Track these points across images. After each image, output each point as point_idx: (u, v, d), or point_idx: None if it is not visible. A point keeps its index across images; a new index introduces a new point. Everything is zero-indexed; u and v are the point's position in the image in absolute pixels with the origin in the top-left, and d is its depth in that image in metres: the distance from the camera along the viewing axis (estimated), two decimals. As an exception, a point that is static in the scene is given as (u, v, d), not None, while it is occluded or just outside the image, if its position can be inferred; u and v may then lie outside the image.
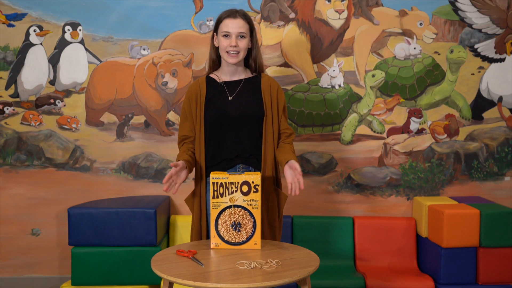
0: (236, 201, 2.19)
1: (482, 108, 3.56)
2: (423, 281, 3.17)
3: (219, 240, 2.20)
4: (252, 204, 2.19)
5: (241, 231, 2.19)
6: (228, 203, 2.18)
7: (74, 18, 3.45)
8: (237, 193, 2.18)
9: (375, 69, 3.52)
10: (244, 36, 2.37)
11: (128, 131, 3.52)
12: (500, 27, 3.51)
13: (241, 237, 2.20)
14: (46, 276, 3.52)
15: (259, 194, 2.18)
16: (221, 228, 2.19)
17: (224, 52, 2.37)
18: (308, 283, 2.04)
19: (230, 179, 2.18)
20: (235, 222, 2.19)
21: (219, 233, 2.19)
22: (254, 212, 2.19)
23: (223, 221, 2.19)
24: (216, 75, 2.48)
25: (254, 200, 2.19)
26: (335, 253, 3.43)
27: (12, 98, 3.49)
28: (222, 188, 2.18)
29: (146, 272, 3.05)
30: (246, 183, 2.18)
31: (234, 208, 2.19)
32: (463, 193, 3.57)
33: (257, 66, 2.46)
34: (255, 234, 2.19)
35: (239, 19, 2.36)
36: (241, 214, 2.19)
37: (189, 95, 2.44)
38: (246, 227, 2.19)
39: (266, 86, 2.43)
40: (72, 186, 3.50)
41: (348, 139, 3.54)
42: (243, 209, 2.19)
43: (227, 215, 2.19)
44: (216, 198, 2.19)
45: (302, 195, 3.53)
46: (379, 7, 3.50)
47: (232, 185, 2.18)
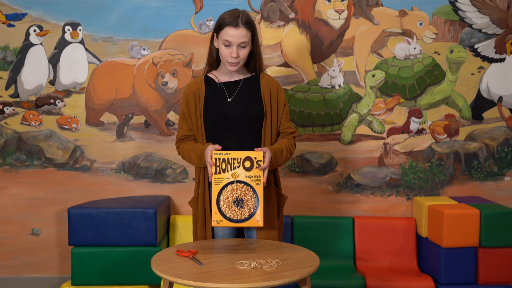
0: (238, 177, 2.16)
1: (482, 108, 3.56)
2: (423, 281, 3.17)
3: (221, 217, 2.16)
4: (255, 180, 2.17)
5: (244, 207, 2.16)
6: (230, 179, 2.16)
7: (74, 18, 3.45)
8: (239, 169, 2.16)
9: (375, 69, 3.52)
10: (245, 46, 2.32)
11: (128, 131, 3.52)
12: (500, 27, 3.51)
13: (243, 214, 2.17)
14: (46, 276, 3.52)
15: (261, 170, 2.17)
16: (223, 204, 2.15)
17: (224, 61, 2.35)
18: (308, 283, 2.04)
19: (232, 155, 2.16)
20: (238, 198, 2.16)
21: (221, 210, 2.16)
22: (256, 188, 2.17)
23: (225, 197, 2.16)
24: (215, 75, 2.46)
25: (256, 176, 2.17)
26: (335, 253, 3.43)
27: (12, 98, 3.49)
28: (224, 163, 2.16)
29: (146, 272, 3.05)
30: (248, 159, 2.16)
31: (236, 184, 2.16)
32: (463, 193, 3.57)
33: (257, 66, 2.44)
34: (257, 210, 2.17)
35: (241, 28, 2.28)
36: (244, 190, 2.16)
37: (187, 94, 2.42)
38: (248, 204, 2.17)
39: (266, 86, 2.42)
40: (72, 186, 3.50)
41: (348, 139, 3.54)
42: (246, 185, 2.16)
43: (229, 191, 2.16)
44: (218, 174, 2.15)
45: (302, 195, 3.54)
46: (379, 7, 3.50)
47: (235, 161, 2.16)
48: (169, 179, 3.53)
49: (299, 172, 3.55)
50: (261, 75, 2.46)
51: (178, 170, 3.52)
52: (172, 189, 3.53)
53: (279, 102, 2.42)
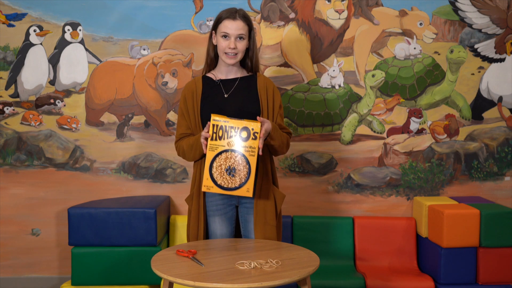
0: (233, 146, 2.18)
1: (482, 108, 3.56)
2: (423, 281, 3.17)
3: (211, 183, 2.19)
4: (250, 151, 2.19)
5: (235, 176, 2.19)
6: (225, 147, 2.18)
7: (74, 18, 3.45)
8: (235, 138, 2.18)
9: (375, 69, 3.52)
10: (243, 38, 2.38)
11: (128, 131, 3.52)
12: (500, 27, 3.51)
13: (234, 183, 2.19)
14: (46, 276, 3.52)
15: (257, 141, 2.19)
16: (215, 171, 2.18)
17: (223, 53, 2.39)
18: (308, 283, 2.04)
19: (230, 123, 2.17)
20: (230, 166, 2.18)
21: (212, 176, 2.18)
22: (250, 159, 2.19)
23: (218, 164, 2.18)
24: (213, 73, 2.50)
25: (251, 146, 2.19)
26: (335, 253, 3.43)
27: (12, 98, 3.49)
28: (221, 131, 2.18)
29: (146, 272, 3.05)
30: (245, 129, 2.18)
31: (231, 152, 2.18)
32: (463, 193, 3.57)
33: (253, 66, 2.47)
34: (248, 181, 2.19)
35: (239, 20, 2.36)
36: (237, 160, 2.19)
37: (185, 93, 2.46)
38: (240, 173, 2.19)
39: (262, 85, 2.45)
40: (72, 186, 3.50)
41: (348, 139, 3.54)
42: (240, 155, 2.18)
43: (223, 159, 2.18)
44: (214, 141, 2.17)
45: (302, 195, 3.54)
46: (379, 7, 3.50)
47: (232, 129, 2.18)
48: (169, 179, 3.53)
49: (299, 172, 3.55)
50: (257, 74, 2.49)
51: (178, 170, 3.52)
52: (172, 189, 3.53)
53: (275, 102, 2.45)
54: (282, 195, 2.46)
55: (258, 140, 2.18)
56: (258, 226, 2.38)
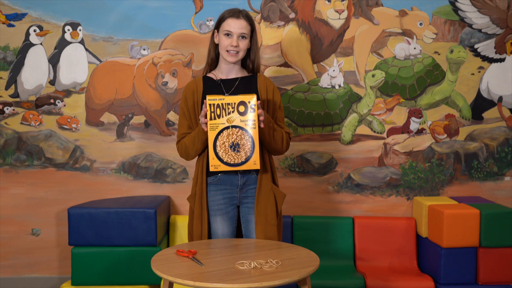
0: (233, 122, 2.19)
1: (482, 108, 3.56)
2: (423, 281, 3.17)
3: (218, 162, 2.20)
4: (250, 124, 2.20)
5: (240, 151, 2.20)
6: (225, 124, 2.19)
7: (74, 18, 3.45)
8: (234, 114, 2.18)
9: (375, 69, 3.52)
10: (245, 37, 2.41)
11: (128, 131, 3.52)
12: (500, 27, 3.51)
13: (240, 158, 2.20)
14: (46, 276, 3.52)
15: (255, 113, 2.20)
16: (220, 149, 2.19)
17: (224, 51, 2.41)
18: (308, 283, 2.04)
19: (226, 100, 2.18)
20: (234, 142, 2.19)
21: (218, 155, 2.19)
22: (252, 132, 2.20)
23: (221, 142, 2.19)
24: (213, 73, 2.51)
25: (251, 119, 2.20)
26: (335, 253, 3.43)
27: (12, 98, 3.49)
28: (219, 109, 2.18)
29: (146, 272, 3.05)
30: (242, 103, 2.19)
31: (232, 128, 2.19)
32: (463, 193, 3.57)
33: (254, 67, 2.50)
34: (253, 154, 2.20)
35: (242, 19, 2.40)
36: (239, 135, 2.19)
37: (186, 93, 2.47)
38: (244, 148, 2.20)
39: (263, 85, 2.46)
40: (72, 186, 3.50)
41: (348, 139, 3.54)
42: (241, 129, 2.19)
43: (225, 136, 2.19)
44: (213, 120, 2.18)
45: (302, 195, 3.54)
46: (379, 7, 3.50)
47: (229, 106, 2.19)
48: (169, 179, 3.53)
49: (299, 172, 3.55)
50: (258, 75, 2.51)
51: (178, 170, 3.52)
52: (172, 189, 3.53)
53: (275, 102, 2.46)
54: (283, 194, 2.46)
55: (256, 113, 2.20)
56: (259, 225, 2.38)
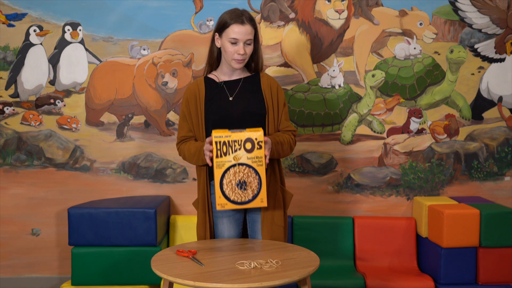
0: (240, 159, 2.15)
1: (482, 108, 3.56)
2: (423, 281, 3.17)
3: (225, 201, 2.15)
4: (257, 161, 2.16)
5: (247, 189, 2.16)
6: (232, 162, 2.14)
7: (74, 18, 3.45)
8: (240, 151, 2.14)
9: (375, 69, 3.52)
10: (250, 43, 2.34)
11: (128, 131, 3.52)
12: (500, 27, 3.51)
13: (247, 196, 2.16)
14: (46, 276, 3.52)
15: (262, 150, 2.16)
16: (226, 188, 2.15)
17: (231, 59, 2.34)
18: (308, 283, 2.04)
19: (232, 137, 2.14)
20: (240, 180, 2.15)
21: (225, 194, 2.15)
22: (258, 169, 2.16)
23: (228, 180, 2.14)
24: (215, 75, 2.47)
25: (258, 157, 2.16)
26: (335, 253, 3.43)
27: (12, 98, 3.49)
28: (225, 146, 2.14)
29: (146, 272, 3.05)
30: (249, 140, 2.15)
31: (238, 166, 2.15)
32: (463, 193, 3.57)
33: (257, 65, 2.45)
34: (261, 191, 2.16)
35: (247, 25, 2.31)
36: (246, 172, 2.15)
37: (187, 95, 2.43)
38: (251, 185, 2.16)
39: (266, 85, 2.43)
40: (72, 186, 3.50)
41: (348, 139, 3.54)
42: (248, 167, 2.15)
43: (232, 174, 2.15)
44: (220, 157, 2.13)
45: (302, 195, 3.54)
46: (379, 7, 3.50)
47: (235, 143, 2.14)
48: (169, 179, 3.53)
49: (299, 172, 3.55)
50: (261, 74, 2.47)
51: (178, 170, 3.52)
52: (172, 189, 3.53)
53: (279, 101, 2.43)
54: (290, 195, 2.46)
55: (263, 149, 2.16)
56: (265, 226, 2.37)
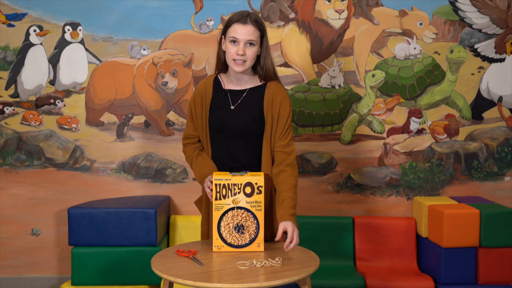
0: (239, 203, 2.14)
1: (482, 108, 3.56)
2: (423, 281, 3.17)
3: (222, 243, 2.15)
4: (256, 206, 2.15)
5: (244, 233, 2.15)
6: (231, 205, 2.14)
7: (74, 18, 3.45)
8: (240, 195, 2.14)
9: (375, 69, 3.52)
10: (253, 44, 2.20)
11: (128, 131, 3.52)
12: (500, 27, 3.51)
13: (244, 240, 2.15)
14: (46, 276, 3.52)
15: (262, 195, 2.14)
16: (224, 230, 2.15)
17: (231, 60, 2.21)
18: (308, 283, 2.04)
19: (233, 181, 2.13)
20: (238, 224, 2.14)
21: (222, 236, 2.15)
22: (257, 214, 2.15)
23: (226, 223, 2.14)
24: (223, 79, 2.36)
25: (257, 201, 2.15)
26: (335, 253, 3.43)
27: (12, 98, 3.49)
28: (224, 189, 2.13)
29: (146, 272, 3.05)
30: (249, 184, 2.14)
31: (237, 210, 2.15)
32: (463, 193, 3.57)
33: (265, 74, 2.28)
34: (258, 236, 2.15)
35: (249, 25, 2.18)
36: (244, 216, 2.15)
37: (195, 94, 2.36)
38: (249, 229, 2.15)
39: (268, 98, 2.29)
40: (72, 186, 3.50)
41: (348, 139, 3.54)
42: (246, 211, 2.15)
43: (230, 217, 2.15)
44: (219, 200, 2.14)
45: (302, 195, 3.53)
46: (379, 7, 3.50)
47: (235, 187, 2.14)
48: (169, 179, 3.53)
49: (299, 172, 3.53)
50: (268, 85, 2.31)
51: (178, 170, 3.52)
52: (172, 189, 3.53)
53: (280, 116, 2.27)
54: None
55: (263, 194, 2.14)
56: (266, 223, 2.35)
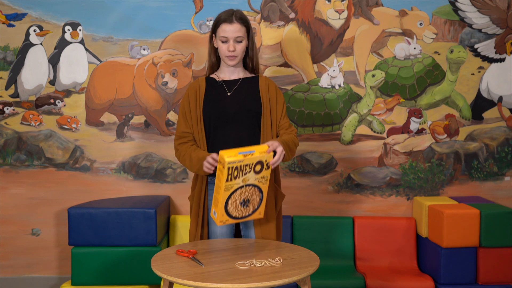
0: (248, 181, 2.13)
1: (482, 108, 3.56)
2: (423, 281, 3.17)
3: (227, 218, 2.14)
4: (262, 181, 2.16)
5: (249, 206, 2.16)
6: (240, 184, 2.11)
7: (74, 18, 3.45)
8: (250, 174, 2.11)
9: (375, 69, 3.52)
10: (241, 40, 2.41)
11: (128, 131, 3.52)
12: (500, 27, 3.51)
13: (247, 211, 2.17)
14: (46, 276, 3.52)
15: (270, 170, 2.15)
16: (231, 207, 2.13)
17: (224, 56, 2.43)
18: (308, 283, 2.04)
19: (245, 161, 2.08)
20: (245, 199, 2.14)
21: (228, 212, 2.14)
22: (263, 187, 2.16)
23: (233, 200, 2.13)
24: (216, 75, 2.53)
25: (264, 176, 2.15)
26: (335, 253, 3.43)
27: (12, 98, 3.49)
28: (236, 171, 2.08)
29: (146, 272, 3.05)
30: (259, 163, 2.12)
31: (245, 187, 2.13)
32: (463, 193, 3.57)
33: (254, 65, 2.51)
34: (260, 205, 2.18)
35: (235, 23, 2.39)
36: (251, 192, 2.15)
37: (188, 92, 2.48)
38: (253, 202, 2.17)
39: (264, 85, 2.48)
40: (72, 186, 3.50)
41: (348, 139, 3.54)
42: (254, 187, 2.14)
43: (238, 195, 2.13)
44: (230, 181, 2.08)
45: (302, 195, 3.54)
46: (379, 7, 3.50)
47: (247, 167, 2.10)
48: (169, 179, 3.53)
49: (299, 172, 3.55)
50: (259, 76, 2.52)
51: (178, 170, 3.52)
52: (172, 189, 3.53)
53: (278, 100, 2.47)
54: (282, 195, 2.48)
55: (270, 169, 2.15)
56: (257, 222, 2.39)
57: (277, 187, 2.47)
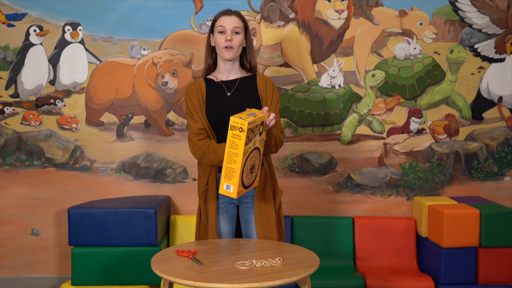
0: (256, 143, 2.09)
1: (482, 108, 3.56)
2: (423, 281, 3.17)
3: (241, 188, 2.05)
4: (262, 143, 2.16)
5: (254, 172, 2.14)
6: (251, 147, 2.04)
7: (74, 18, 3.45)
8: (257, 136, 2.08)
9: (375, 69, 3.52)
10: (238, 32, 2.44)
11: (128, 131, 3.52)
12: (500, 27, 3.51)
13: (252, 178, 2.15)
14: (46, 276, 3.52)
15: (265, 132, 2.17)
16: (244, 174, 2.06)
17: (221, 48, 2.44)
18: (308, 283, 2.04)
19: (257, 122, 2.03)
20: (252, 164, 2.11)
21: (242, 181, 2.05)
22: (261, 150, 2.16)
23: (246, 167, 2.05)
24: (214, 75, 2.53)
25: (263, 138, 2.16)
26: (335, 253, 3.43)
27: (12, 98, 3.49)
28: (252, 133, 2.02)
29: (146, 272, 3.05)
30: (262, 124, 2.12)
31: (254, 151, 2.08)
32: (463, 193, 3.57)
33: (252, 66, 2.53)
34: (258, 171, 2.18)
35: (233, 16, 2.46)
36: (257, 156, 2.13)
37: (189, 92, 2.46)
38: (256, 166, 2.16)
39: (262, 83, 2.50)
40: (72, 186, 3.50)
41: (348, 139, 3.54)
42: (257, 150, 2.12)
43: (249, 160, 2.06)
44: (247, 145, 2.00)
45: (302, 195, 3.54)
46: (379, 7, 3.50)
47: (256, 128, 2.07)
48: (169, 179, 3.53)
49: (299, 172, 3.55)
50: (257, 74, 2.54)
51: (178, 170, 3.52)
52: (172, 189, 3.53)
53: (273, 98, 2.49)
54: (280, 191, 2.48)
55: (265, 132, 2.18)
56: (258, 220, 2.40)
57: (274, 184, 2.47)
